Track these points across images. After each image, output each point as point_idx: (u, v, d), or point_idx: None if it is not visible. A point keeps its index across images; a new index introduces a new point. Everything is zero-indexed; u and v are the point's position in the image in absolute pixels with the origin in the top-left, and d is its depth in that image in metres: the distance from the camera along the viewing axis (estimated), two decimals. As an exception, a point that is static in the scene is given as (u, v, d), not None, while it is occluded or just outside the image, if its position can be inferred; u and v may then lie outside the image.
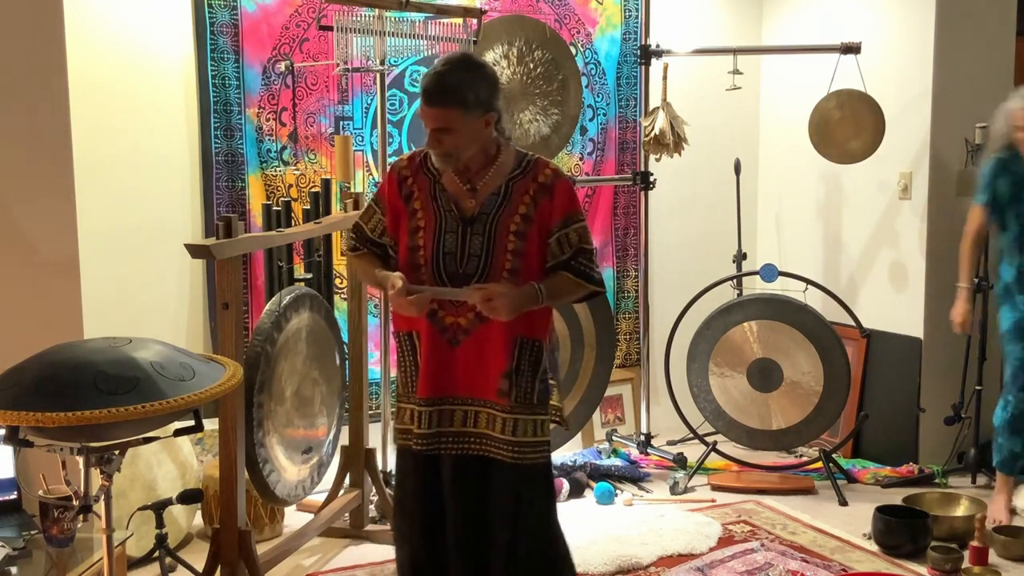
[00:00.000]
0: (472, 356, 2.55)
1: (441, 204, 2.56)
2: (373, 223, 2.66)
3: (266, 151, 4.22)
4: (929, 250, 4.52)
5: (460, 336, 2.55)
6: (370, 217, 2.66)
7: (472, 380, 2.58)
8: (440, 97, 2.44)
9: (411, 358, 2.63)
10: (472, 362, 2.56)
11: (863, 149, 4.48)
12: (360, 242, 2.69)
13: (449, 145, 2.48)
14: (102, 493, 2.13)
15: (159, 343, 2.19)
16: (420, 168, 2.59)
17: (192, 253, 2.99)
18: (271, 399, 3.27)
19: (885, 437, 4.67)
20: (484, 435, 2.60)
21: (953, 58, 4.45)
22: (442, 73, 2.44)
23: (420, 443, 2.59)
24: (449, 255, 2.53)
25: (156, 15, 4.03)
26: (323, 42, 4.18)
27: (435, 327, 2.56)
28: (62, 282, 3.17)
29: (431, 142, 2.50)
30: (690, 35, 4.93)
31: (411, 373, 2.64)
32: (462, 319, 2.54)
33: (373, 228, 2.65)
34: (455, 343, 2.56)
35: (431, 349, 2.56)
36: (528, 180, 2.55)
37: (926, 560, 3.52)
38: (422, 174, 2.58)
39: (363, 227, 2.67)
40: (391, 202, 2.61)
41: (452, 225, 2.53)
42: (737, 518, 4.05)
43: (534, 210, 2.53)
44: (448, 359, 2.56)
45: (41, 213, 3.14)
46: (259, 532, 3.68)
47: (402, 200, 2.58)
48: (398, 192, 2.59)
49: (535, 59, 4.20)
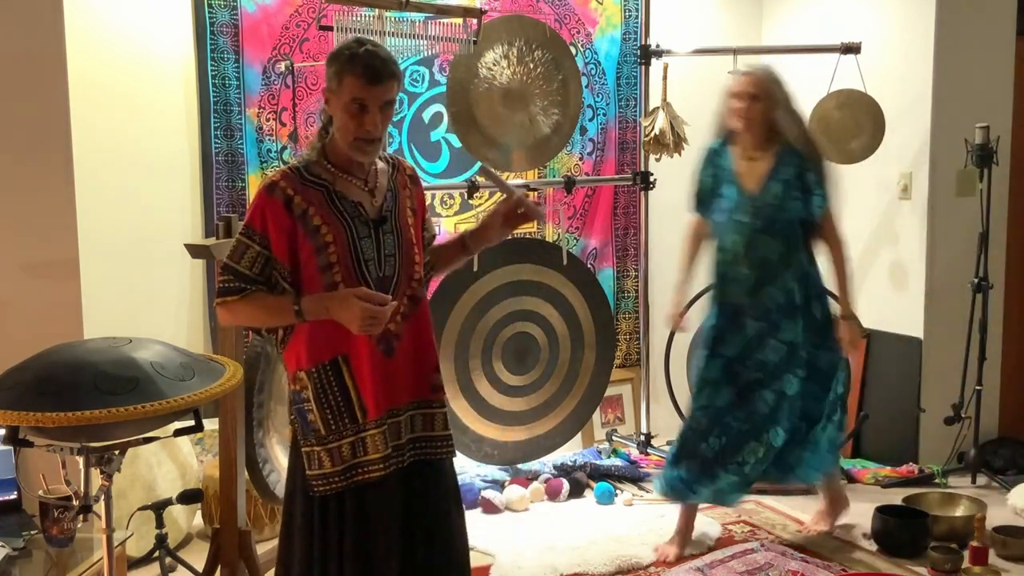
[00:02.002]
0: (407, 360, 2.43)
1: (346, 211, 2.36)
2: (248, 259, 2.32)
3: (266, 151, 4.22)
4: (929, 250, 4.52)
5: (393, 342, 2.39)
6: (242, 255, 2.33)
7: (410, 384, 2.45)
8: (388, 67, 2.30)
9: (337, 389, 2.37)
10: (408, 366, 2.44)
11: (863, 149, 4.47)
12: (241, 282, 2.33)
13: (385, 127, 2.35)
14: (102, 493, 2.13)
15: (159, 343, 2.19)
16: (303, 183, 2.34)
17: (192, 253, 3.00)
18: (271, 399, 3.27)
19: (885, 437, 4.67)
20: (427, 437, 2.49)
21: (953, 58, 4.45)
22: (372, 47, 2.30)
23: (380, 467, 2.38)
24: (370, 261, 2.36)
25: (156, 15, 4.03)
26: (323, 42, 4.18)
27: (371, 340, 2.35)
28: (62, 282, 3.17)
29: (370, 126, 2.30)
30: (690, 35, 4.93)
31: (339, 405, 2.38)
32: (391, 324, 2.36)
33: (251, 264, 2.32)
34: (390, 353, 2.39)
35: (372, 365, 2.37)
36: (401, 173, 2.50)
37: (926, 560, 3.52)
38: (309, 188, 2.33)
39: (235, 267, 2.33)
40: (279, 226, 2.31)
41: (364, 230, 2.36)
42: (737, 518, 4.05)
43: (415, 201, 2.52)
44: (388, 370, 2.39)
45: (41, 213, 3.14)
46: (259, 532, 3.68)
47: (294, 220, 2.31)
48: (286, 213, 2.31)
49: (535, 59, 4.20)
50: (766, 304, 3.53)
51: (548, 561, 3.61)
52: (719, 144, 3.63)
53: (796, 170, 3.51)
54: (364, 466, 2.38)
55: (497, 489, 4.20)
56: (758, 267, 3.51)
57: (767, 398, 3.54)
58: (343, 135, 2.33)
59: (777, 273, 3.52)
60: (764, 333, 3.54)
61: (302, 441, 2.40)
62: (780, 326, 3.53)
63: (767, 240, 3.51)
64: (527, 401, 4.37)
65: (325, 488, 2.37)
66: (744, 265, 3.52)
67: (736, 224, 3.53)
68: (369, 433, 2.38)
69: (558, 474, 4.35)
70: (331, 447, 2.37)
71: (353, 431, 2.38)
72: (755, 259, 3.51)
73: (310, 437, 2.38)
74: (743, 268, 3.53)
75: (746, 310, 3.55)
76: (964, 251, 4.44)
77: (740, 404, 3.56)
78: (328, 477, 2.37)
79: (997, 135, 4.33)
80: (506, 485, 4.25)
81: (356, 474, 2.38)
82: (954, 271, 4.49)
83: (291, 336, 2.39)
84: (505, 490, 4.20)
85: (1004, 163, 4.53)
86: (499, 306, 4.28)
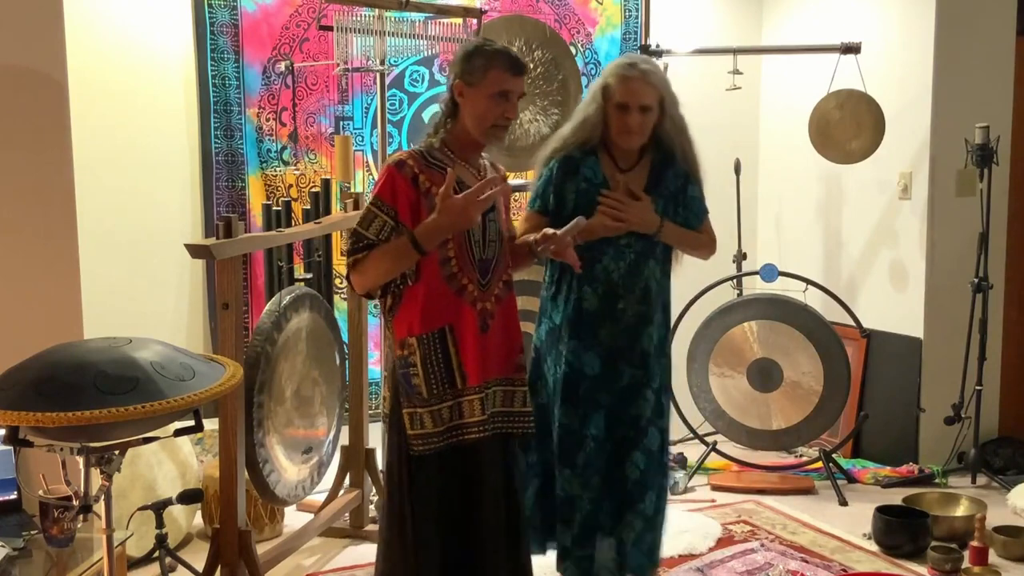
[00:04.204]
0: (498, 338, 2.66)
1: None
2: (376, 227, 2.52)
3: (266, 151, 4.22)
4: (929, 250, 4.52)
5: (488, 320, 2.63)
6: (370, 223, 2.53)
7: (500, 360, 2.68)
8: (525, 62, 2.62)
9: (442, 356, 2.58)
10: (499, 343, 2.67)
11: (863, 149, 4.47)
12: (368, 244, 2.54)
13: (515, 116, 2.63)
14: (102, 493, 2.12)
15: (159, 343, 2.19)
16: (427, 164, 2.57)
17: (192, 253, 2.99)
18: (271, 399, 3.27)
19: (885, 437, 4.67)
20: (508, 412, 2.71)
21: (953, 58, 4.45)
22: (503, 47, 2.64)
23: (478, 431, 2.61)
24: (477, 244, 2.61)
25: (156, 15, 4.03)
26: (323, 42, 4.18)
27: (475, 314, 2.60)
28: (62, 282, 3.16)
29: (511, 113, 2.59)
30: (690, 35, 4.93)
31: (442, 371, 2.58)
32: (488, 303, 2.63)
33: (378, 231, 2.52)
34: (485, 329, 2.62)
35: (474, 336, 2.60)
36: (499, 174, 2.76)
37: (926, 560, 3.52)
38: (432, 169, 2.56)
39: (364, 233, 2.53)
40: (408, 199, 2.53)
41: None
42: (737, 518, 4.05)
43: (507, 200, 2.82)
44: (483, 344, 2.62)
45: (41, 213, 3.13)
46: (259, 532, 3.68)
47: (420, 196, 2.54)
48: (413, 188, 2.53)
49: (535, 59, 4.20)
50: (644, 346, 2.98)
51: (548, 561, 3.60)
52: (580, 154, 2.95)
53: (680, 180, 3.00)
54: (462, 428, 2.61)
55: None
56: (640, 300, 2.96)
57: (637, 460, 2.97)
58: (481, 122, 2.57)
59: (655, 307, 3.00)
60: (640, 382, 2.99)
61: (405, 403, 2.58)
62: (653, 372, 3.00)
63: (649, 266, 2.98)
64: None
65: (424, 448, 2.57)
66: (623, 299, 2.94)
67: (614, 249, 2.93)
68: (467, 399, 2.60)
69: (558, 474, 4.35)
70: (433, 409, 2.58)
71: (452, 395, 2.59)
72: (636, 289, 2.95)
73: (414, 399, 2.58)
74: (619, 303, 2.94)
75: (624, 354, 2.96)
76: (964, 251, 4.44)
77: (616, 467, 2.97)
78: (428, 437, 2.57)
79: (997, 135, 4.33)
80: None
81: (453, 435, 2.60)
82: (954, 271, 4.49)
83: (400, 305, 2.59)
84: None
85: (1004, 163, 4.53)
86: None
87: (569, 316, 2.96)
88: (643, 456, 2.98)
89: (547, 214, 2.96)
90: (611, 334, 2.95)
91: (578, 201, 2.92)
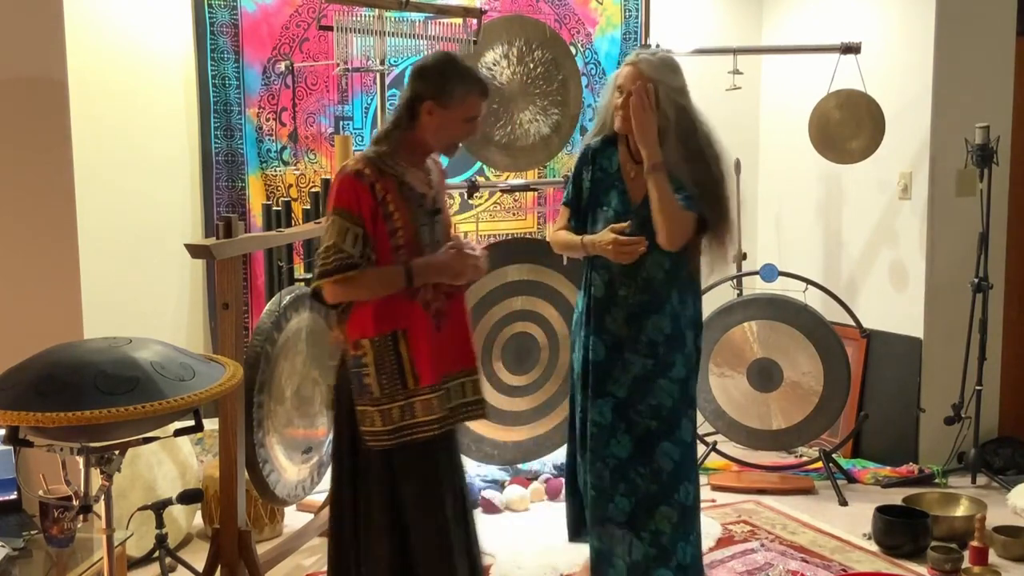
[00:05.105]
0: (451, 332, 2.72)
1: (412, 201, 2.64)
2: (350, 239, 2.55)
3: (266, 151, 4.22)
4: (929, 250, 4.52)
5: (442, 320, 2.69)
6: (345, 236, 2.55)
7: (456, 353, 2.74)
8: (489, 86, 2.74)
9: (394, 357, 2.62)
10: (451, 337, 2.72)
11: (863, 149, 4.47)
12: (353, 260, 2.55)
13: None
14: (102, 493, 2.12)
15: (159, 343, 2.19)
16: (381, 172, 2.60)
17: (192, 253, 2.99)
18: (271, 399, 3.27)
19: (885, 437, 4.67)
20: (468, 403, 2.79)
21: (953, 58, 4.45)
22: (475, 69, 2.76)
23: (435, 427, 2.65)
24: (427, 246, 2.66)
25: (156, 15, 4.03)
26: (323, 42, 4.18)
27: (428, 315, 2.65)
28: (62, 282, 3.17)
29: (468, 133, 2.70)
30: (690, 35, 4.92)
31: (394, 372, 2.62)
32: (439, 303, 2.68)
33: (353, 243, 2.55)
34: (439, 328, 2.68)
35: (427, 337, 2.64)
36: (440, 172, 2.84)
37: (926, 560, 3.52)
38: (386, 177, 2.61)
39: (343, 247, 2.54)
40: (369, 208, 2.57)
41: (425, 219, 2.68)
42: (737, 518, 4.05)
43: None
44: (439, 342, 2.67)
45: (41, 213, 3.13)
46: (259, 532, 3.68)
47: (376, 204, 2.58)
48: (372, 197, 2.57)
49: (535, 59, 4.19)
50: (651, 336, 2.98)
51: (548, 561, 3.61)
52: (599, 144, 3.09)
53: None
54: (413, 428, 2.63)
55: (497, 489, 4.21)
56: (642, 288, 2.98)
57: (670, 452, 2.99)
58: (447, 138, 2.67)
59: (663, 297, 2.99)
60: (653, 372, 2.99)
61: (357, 400, 2.64)
62: (669, 362, 2.99)
63: (654, 256, 2.95)
64: (527, 401, 4.37)
65: (375, 444, 2.62)
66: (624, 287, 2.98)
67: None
68: (420, 398, 2.63)
69: (558, 474, 4.34)
70: (383, 408, 2.62)
71: (404, 396, 2.62)
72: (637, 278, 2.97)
73: (364, 398, 2.62)
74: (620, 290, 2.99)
75: (629, 342, 2.99)
76: (964, 251, 4.44)
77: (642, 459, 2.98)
78: (378, 434, 2.62)
79: (997, 135, 4.33)
80: (506, 485, 4.25)
81: (404, 434, 2.63)
82: (954, 271, 4.49)
83: (352, 307, 2.63)
84: (505, 490, 4.21)
85: (1004, 163, 4.53)
86: (499, 306, 4.28)
87: (587, 303, 3.08)
88: (676, 448, 2.99)
89: (570, 205, 3.14)
90: (615, 321, 3.01)
91: (592, 189, 3.08)
